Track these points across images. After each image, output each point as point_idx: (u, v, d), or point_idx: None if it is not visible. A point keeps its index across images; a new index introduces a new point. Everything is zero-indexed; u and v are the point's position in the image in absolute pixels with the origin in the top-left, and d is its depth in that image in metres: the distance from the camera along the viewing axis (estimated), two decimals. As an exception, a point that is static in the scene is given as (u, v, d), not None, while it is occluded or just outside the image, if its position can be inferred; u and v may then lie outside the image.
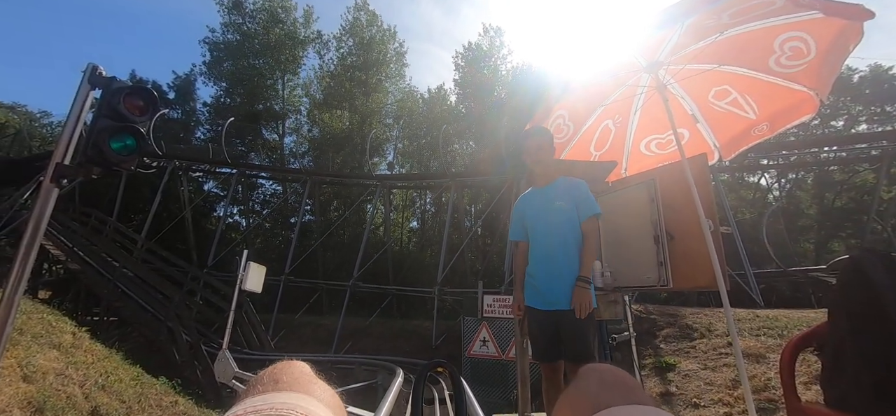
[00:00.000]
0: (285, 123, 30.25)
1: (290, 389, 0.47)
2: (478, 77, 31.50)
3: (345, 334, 13.38)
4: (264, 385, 0.48)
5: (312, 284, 15.49)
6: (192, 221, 17.32)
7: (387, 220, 18.19)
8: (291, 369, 0.52)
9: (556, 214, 2.25)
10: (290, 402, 0.43)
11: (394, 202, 29.46)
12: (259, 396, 0.45)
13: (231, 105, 27.91)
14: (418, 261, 22.70)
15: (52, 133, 29.59)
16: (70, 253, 12.69)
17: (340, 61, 32.16)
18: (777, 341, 6.22)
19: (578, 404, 0.50)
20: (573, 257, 2.19)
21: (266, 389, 0.47)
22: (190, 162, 15.47)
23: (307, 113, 32.10)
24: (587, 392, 0.50)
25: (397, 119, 33.67)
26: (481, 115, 29.50)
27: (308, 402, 0.45)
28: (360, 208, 21.62)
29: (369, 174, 14.48)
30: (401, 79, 34.39)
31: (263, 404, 0.42)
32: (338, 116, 30.23)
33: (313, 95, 32.51)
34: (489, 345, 7.46)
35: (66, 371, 3.57)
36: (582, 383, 0.53)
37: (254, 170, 15.71)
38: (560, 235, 2.23)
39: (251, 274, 4.04)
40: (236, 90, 28.16)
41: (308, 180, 15.04)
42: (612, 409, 0.44)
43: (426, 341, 12.61)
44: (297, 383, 0.49)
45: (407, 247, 27.76)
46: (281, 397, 0.44)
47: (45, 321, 4.50)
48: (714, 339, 7.08)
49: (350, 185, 18.09)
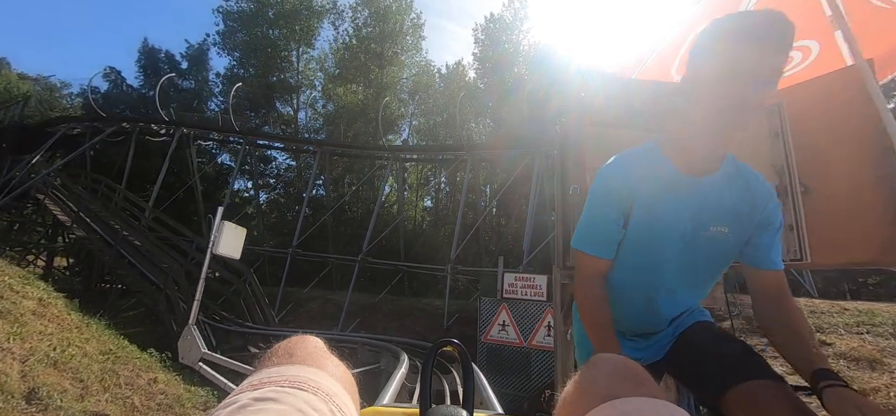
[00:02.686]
0: (299, 97, 29.71)
1: (303, 363, 0.49)
2: (498, 52, 30.34)
3: (353, 310, 12.90)
4: (279, 358, 0.49)
5: (322, 258, 15.04)
6: (203, 193, 16.98)
7: (400, 195, 17.51)
8: (305, 343, 0.54)
9: (713, 242, 1.05)
10: (303, 375, 0.45)
11: (408, 180, 29.00)
12: (273, 367, 0.47)
13: (245, 76, 27.51)
14: (431, 239, 22.13)
15: (71, 103, 29.79)
16: (76, 219, 12.45)
17: (356, 32, 31.36)
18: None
19: (588, 391, 0.49)
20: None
21: (280, 361, 0.49)
22: (199, 130, 14.98)
23: (322, 88, 31.62)
24: (596, 381, 0.49)
25: (413, 95, 32.79)
26: (501, 93, 28.41)
27: (319, 375, 0.47)
28: (374, 183, 20.98)
29: (382, 147, 13.74)
30: (417, 52, 33.39)
31: (277, 375, 0.44)
32: (352, 90, 29.57)
33: (328, 70, 31.98)
34: (509, 330, 6.69)
35: (6, 344, 3.01)
36: (592, 371, 0.52)
37: (263, 139, 15.15)
38: (704, 278, 1.16)
39: (227, 237, 3.38)
40: (250, 61, 27.67)
41: (318, 152, 14.42)
42: (622, 399, 0.44)
43: (437, 321, 12.03)
44: (310, 357, 0.51)
45: (420, 226, 27.29)
46: (293, 370, 0.46)
47: (5, 284, 3.99)
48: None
49: (362, 158, 17.39)
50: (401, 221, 16.44)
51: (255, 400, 0.40)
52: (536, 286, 7.11)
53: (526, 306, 6.89)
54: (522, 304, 6.94)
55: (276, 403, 0.40)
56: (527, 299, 6.98)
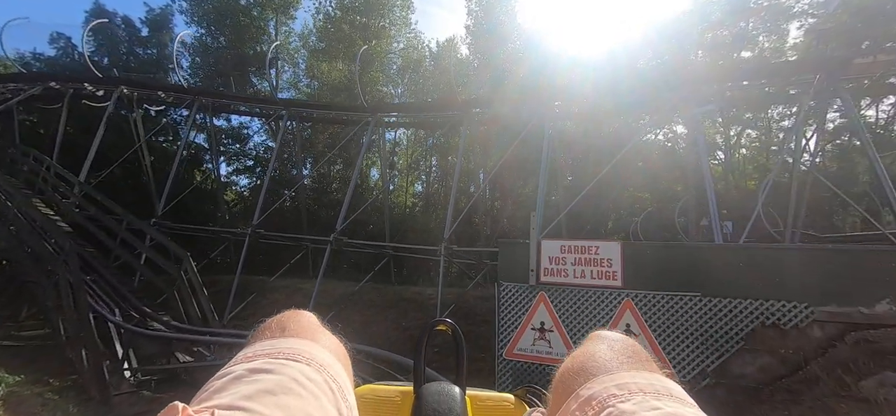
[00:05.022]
0: (277, 70, 27.21)
1: (297, 336, 0.48)
2: (492, 23, 28.28)
3: (328, 301, 10.73)
4: (272, 332, 0.49)
5: (292, 240, 12.80)
6: (156, 168, 14.53)
7: (383, 162, 15.21)
8: (298, 317, 0.53)
9: None
10: (297, 347, 0.45)
11: (398, 164, 26.87)
12: (267, 340, 0.47)
13: (214, 47, 24.94)
14: (422, 223, 20.03)
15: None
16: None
17: (339, 3, 28.98)
18: None
19: (585, 365, 0.48)
20: None
21: (273, 335, 0.48)
22: (140, 89, 12.51)
23: (306, 68, 29.26)
24: (595, 355, 0.49)
25: (402, 73, 30.56)
26: (494, 71, 26.28)
27: (313, 347, 0.46)
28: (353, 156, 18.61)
29: (361, 106, 11.46)
30: (406, 26, 31.16)
31: (271, 347, 0.44)
32: (337, 68, 27.22)
33: (311, 47, 29.65)
34: (552, 338, 4.20)
35: None
36: (591, 345, 0.51)
37: (214, 97, 12.73)
38: None
39: None
40: (221, 30, 25.07)
41: (285, 113, 12.08)
42: (621, 373, 0.43)
43: (428, 313, 9.92)
44: (304, 330, 0.50)
45: (411, 211, 25.30)
46: (287, 342, 0.46)
47: None
48: None
49: (341, 123, 15.04)
50: (385, 195, 14.20)
51: (249, 372, 0.39)
52: (604, 262, 4.33)
53: (584, 295, 4.37)
54: (577, 293, 4.37)
55: (272, 374, 0.39)
56: (586, 283, 4.33)
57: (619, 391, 0.41)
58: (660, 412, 0.37)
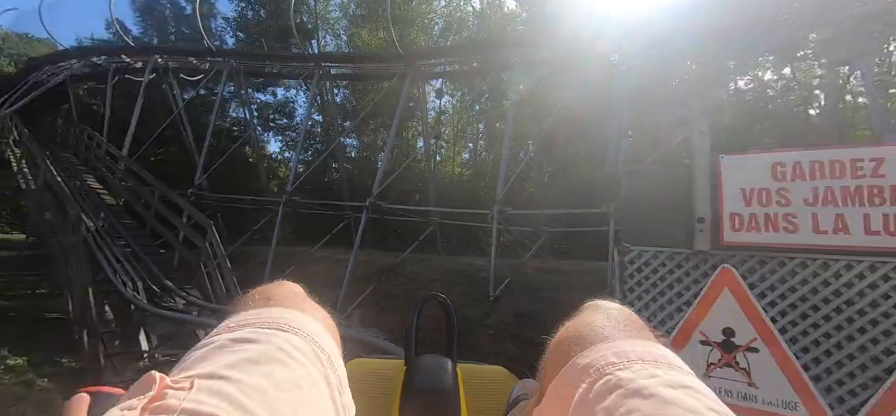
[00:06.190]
0: (317, 40, 26.55)
1: (282, 305, 0.46)
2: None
3: (368, 273, 9.78)
4: (256, 302, 0.47)
5: (335, 207, 11.97)
6: (192, 136, 14.25)
7: (424, 123, 13.82)
8: (282, 287, 0.51)
9: None
10: (283, 316, 0.43)
11: (445, 133, 25.44)
12: (251, 310, 0.45)
13: (255, 21, 24.72)
14: (471, 191, 18.61)
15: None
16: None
17: (377, -38, 27.45)
18: None
19: (582, 333, 0.46)
20: None
21: (257, 305, 0.46)
22: (172, 55, 12.14)
23: (348, 39, 28.36)
24: (592, 324, 0.47)
25: (445, 35, 28.61)
26: (549, 16, 23.47)
27: (300, 316, 0.45)
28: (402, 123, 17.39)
29: (397, 54, 10.12)
30: (446, -16, 28.89)
31: (255, 317, 0.43)
32: (377, 37, 25.96)
33: (351, 15, 28.58)
34: (754, 365, 1.71)
35: None
36: (587, 315, 0.49)
37: (245, 59, 12.07)
38: None
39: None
40: (261, 2, 24.80)
41: (316, 69, 11.05)
42: (617, 342, 0.42)
43: (478, 287, 8.57)
44: (288, 300, 0.48)
45: (458, 179, 23.94)
46: (273, 312, 0.44)
47: None
48: None
49: (375, 78, 13.80)
50: (429, 156, 12.86)
51: (232, 341, 0.38)
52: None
53: (836, 274, 1.97)
54: (817, 268, 1.99)
55: (256, 343, 0.38)
56: (848, 243, 1.82)
57: (617, 358, 0.40)
58: (658, 379, 0.36)
